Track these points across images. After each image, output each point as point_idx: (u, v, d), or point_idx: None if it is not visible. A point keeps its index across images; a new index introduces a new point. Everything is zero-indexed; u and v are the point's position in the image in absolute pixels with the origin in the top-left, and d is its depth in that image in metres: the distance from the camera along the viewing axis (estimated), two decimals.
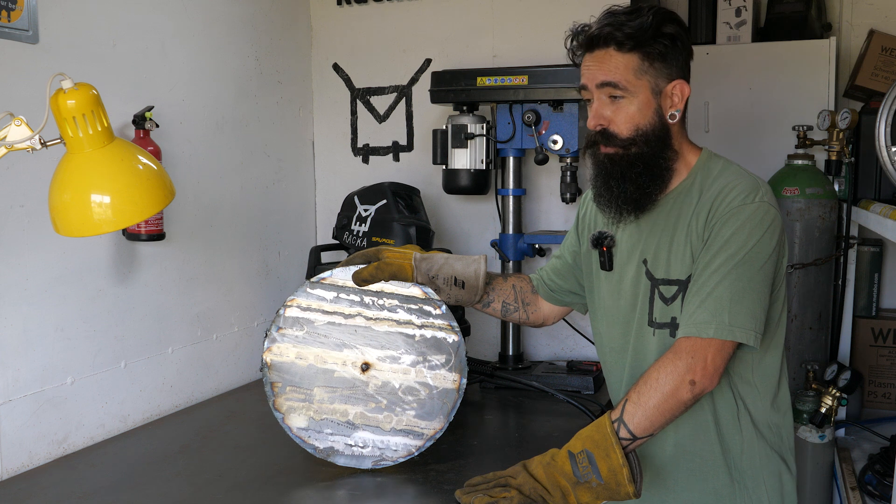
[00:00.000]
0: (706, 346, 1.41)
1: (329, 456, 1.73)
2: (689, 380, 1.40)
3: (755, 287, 1.44)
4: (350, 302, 1.75)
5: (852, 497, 2.53)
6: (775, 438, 1.57)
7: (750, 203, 1.45)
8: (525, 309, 1.85)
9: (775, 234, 1.46)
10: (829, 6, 3.47)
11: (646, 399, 1.41)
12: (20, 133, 1.36)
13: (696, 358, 1.40)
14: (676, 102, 1.51)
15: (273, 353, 1.74)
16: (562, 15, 2.58)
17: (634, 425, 1.41)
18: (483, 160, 2.47)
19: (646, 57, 1.47)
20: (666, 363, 1.42)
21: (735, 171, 1.53)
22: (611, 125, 1.51)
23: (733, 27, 3.31)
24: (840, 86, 3.32)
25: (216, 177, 2.40)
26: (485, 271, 1.76)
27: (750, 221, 1.44)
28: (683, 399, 1.41)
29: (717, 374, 1.42)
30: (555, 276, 1.82)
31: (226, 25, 2.44)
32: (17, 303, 1.77)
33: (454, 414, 1.74)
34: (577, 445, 1.42)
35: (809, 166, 2.97)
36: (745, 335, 1.42)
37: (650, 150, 1.50)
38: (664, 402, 1.40)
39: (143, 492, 1.67)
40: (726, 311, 1.41)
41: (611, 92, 1.49)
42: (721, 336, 1.41)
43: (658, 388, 1.41)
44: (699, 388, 1.40)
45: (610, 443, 1.38)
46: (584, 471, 1.39)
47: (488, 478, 1.44)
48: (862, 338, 3.25)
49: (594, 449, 1.39)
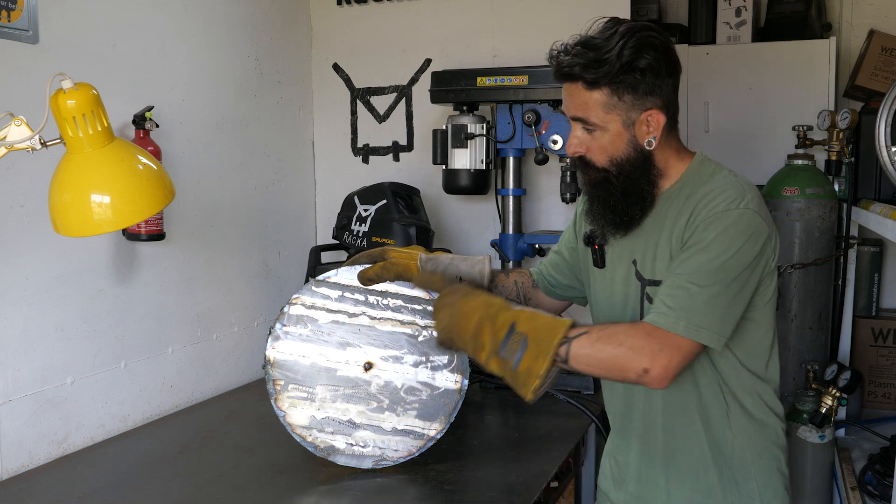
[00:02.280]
0: (676, 343, 1.39)
1: (329, 455, 1.73)
2: (645, 367, 1.38)
3: (730, 294, 1.42)
4: (354, 301, 1.75)
5: (852, 497, 2.53)
6: (770, 435, 1.58)
7: (734, 209, 1.43)
8: (527, 304, 1.85)
9: (758, 241, 1.44)
10: (829, 6, 3.47)
11: (600, 346, 1.40)
12: (20, 133, 1.36)
13: (662, 353, 1.39)
14: (652, 131, 1.47)
15: (276, 350, 1.74)
16: (562, 15, 2.59)
17: (575, 355, 1.40)
18: (483, 160, 2.47)
19: (615, 92, 1.44)
20: (637, 334, 1.41)
21: (723, 177, 1.51)
22: (588, 153, 1.51)
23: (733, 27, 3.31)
24: (840, 86, 3.32)
25: (216, 177, 2.40)
26: (489, 272, 1.76)
27: (733, 227, 1.42)
28: (627, 377, 1.41)
29: (671, 379, 1.40)
30: (553, 272, 1.82)
31: (226, 25, 2.44)
32: (17, 303, 1.77)
33: (455, 415, 1.74)
34: (523, 325, 1.42)
35: (809, 166, 2.97)
36: (709, 337, 1.41)
37: (627, 179, 1.49)
38: (611, 364, 1.40)
39: (143, 492, 1.67)
40: (698, 312, 1.40)
41: (582, 125, 1.49)
42: (687, 335, 1.40)
43: (616, 350, 1.40)
44: (646, 380, 1.39)
45: (547, 351, 1.39)
46: (510, 351, 1.41)
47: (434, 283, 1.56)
48: (862, 338, 3.25)
49: (533, 342, 1.40)
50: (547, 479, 1.71)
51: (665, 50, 1.46)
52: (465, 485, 1.66)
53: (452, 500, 1.59)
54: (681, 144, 1.57)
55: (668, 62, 1.46)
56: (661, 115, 1.47)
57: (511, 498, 1.59)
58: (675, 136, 1.54)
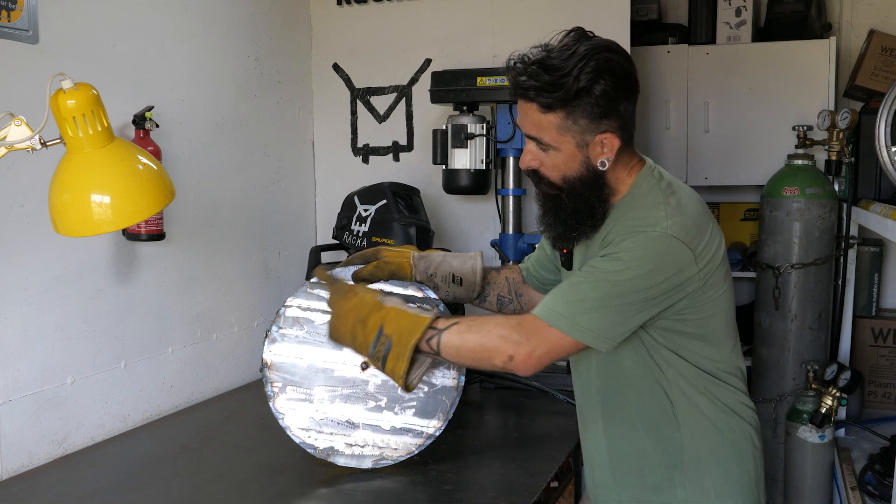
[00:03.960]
0: (546, 336, 1.43)
1: (329, 456, 1.73)
2: (510, 354, 1.44)
3: (621, 304, 1.42)
4: None
5: (852, 497, 2.53)
6: (730, 434, 1.56)
7: (648, 230, 1.42)
8: (518, 300, 1.86)
9: (673, 266, 1.41)
10: (829, 6, 3.47)
11: (470, 335, 1.47)
12: (20, 133, 1.36)
13: (531, 341, 1.44)
14: (606, 152, 1.47)
15: (273, 352, 1.74)
16: (562, 15, 2.58)
17: (445, 348, 1.48)
18: (483, 160, 2.47)
19: (569, 115, 1.43)
20: (506, 325, 1.47)
21: (653, 199, 1.48)
22: (541, 168, 1.51)
23: (733, 27, 3.31)
24: (840, 86, 3.32)
25: (216, 177, 2.40)
26: (482, 267, 1.77)
27: (643, 248, 1.41)
28: (494, 363, 1.47)
29: (537, 367, 1.46)
30: (540, 269, 1.83)
31: (226, 25, 2.44)
32: (17, 303, 1.77)
33: (453, 412, 1.74)
34: (389, 326, 1.49)
35: (809, 166, 2.97)
36: (592, 339, 1.43)
37: (578, 197, 1.50)
38: (479, 352, 1.47)
39: (143, 492, 1.67)
40: (585, 314, 1.42)
41: (537, 143, 1.49)
42: (567, 332, 1.42)
43: (484, 338, 1.46)
44: (511, 367, 1.45)
45: (405, 351, 1.47)
46: (378, 354, 1.50)
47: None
48: (862, 338, 3.25)
49: (396, 344, 1.48)
50: (547, 479, 1.71)
51: (623, 74, 1.44)
52: (465, 485, 1.66)
53: (452, 500, 1.59)
54: (634, 156, 1.55)
55: (626, 86, 1.45)
56: (616, 139, 1.46)
57: (511, 498, 1.59)
58: (627, 152, 1.52)
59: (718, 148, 3.34)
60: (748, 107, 3.28)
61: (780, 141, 3.16)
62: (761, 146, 3.26)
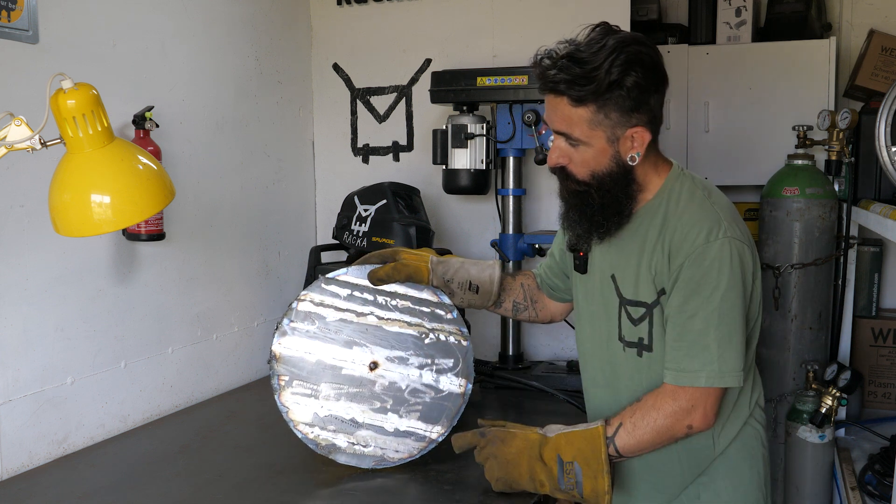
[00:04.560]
0: (705, 395, 1.45)
1: (330, 453, 1.73)
2: (688, 424, 1.46)
3: (735, 327, 1.45)
4: (363, 301, 1.75)
5: (852, 497, 2.53)
6: (742, 446, 1.58)
7: (714, 241, 1.43)
8: (534, 307, 1.86)
9: (745, 265, 1.45)
10: (829, 6, 3.47)
11: (641, 432, 1.47)
12: (20, 133, 1.36)
13: (697, 406, 1.46)
14: (636, 146, 1.47)
15: (282, 345, 1.74)
16: (562, 15, 2.58)
17: (623, 448, 1.48)
18: (483, 160, 2.47)
19: (600, 109, 1.42)
20: (664, 403, 1.47)
21: (698, 202, 1.50)
22: (569, 165, 1.50)
23: (733, 27, 3.31)
24: (840, 86, 3.32)
25: (216, 177, 2.40)
26: (500, 277, 1.77)
27: (717, 260, 1.43)
28: (677, 437, 1.48)
29: (713, 419, 1.47)
30: (552, 276, 1.83)
31: (226, 25, 2.44)
32: (17, 303, 1.76)
33: (458, 419, 1.74)
34: (567, 452, 1.46)
35: (809, 166, 2.97)
36: (733, 379, 1.45)
37: (607, 193, 1.49)
38: (657, 438, 1.48)
39: (143, 492, 1.67)
40: (716, 360, 1.43)
41: (565, 139, 1.48)
42: (713, 384, 1.45)
43: (654, 426, 1.46)
44: (695, 431, 1.48)
45: (602, 468, 1.44)
46: (569, 483, 1.46)
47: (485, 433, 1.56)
48: (862, 338, 3.25)
49: (584, 466, 1.45)
50: None
51: (653, 66, 1.44)
52: (465, 485, 1.66)
53: (452, 500, 1.59)
54: (659, 156, 1.56)
55: (656, 78, 1.45)
56: (647, 133, 1.46)
57: (511, 498, 1.59)
58: (655, 149, 1.53)
59: (718, 148, 3.34)
60: (748, 107, 3.28)
61: (780, 141, 3.16)
62: (761, 146, 3.26)
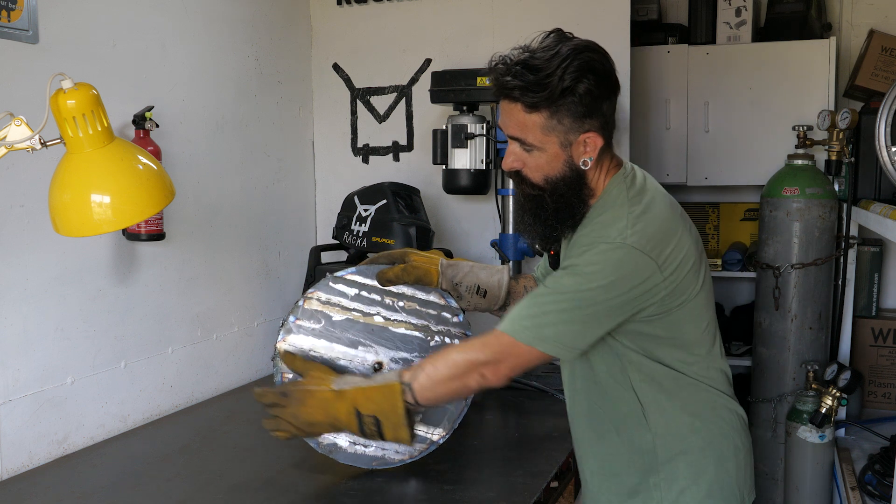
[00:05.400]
0: (513, 350, 1.47)
1: (331, 452, 1.73)
2: (482, 373, 1.49)
3: (581, 317, 1.44)
4: (370, 301, 1.75)
5: (852, 497, 2.53)
6: (707, 434, 1.56)
7: (607, 242, 1.43)
8: None
9: (634, 278, 1.41)
10: (829, 6, 3.48)
11: (438, 375, 1.50)
12: (20, 133, 1.36)
13: (498, 356, 1.48)
14: (588, 151, 1.48)
15: (287, 343, 1.73)
16: (562, 15, 2.58)
17: (420, 395, 1.51)
18: (483, 160, 2.47)
19: (553, 115, 1.44)
20: (469, 348, 1.51)
21: (618, 207, 1.48)
22: (524, 169, 1.51)
23: (733, 27, 3.32)
24: (840, 86, 3.32)
25: (216, 177, 2.40)
26: (508, 281, 1.79)
27: (603, 261, 1.42)
28: (470, 386, 1.51)
29: (508, 377, 1.50)
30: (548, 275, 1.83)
31: (226, 25, 2.44)
32: (17, 303, 1.77)
33: (459, 421, 1.74)
34: (365, 407, 1.51)
35: (809, 166, 2.97)
36: (555, 348, 1.45)
37: (560, 197, 1.50)
38: (452, 382, 1.50)
39: (143, 492, 1.67)
40: (547, 325, 1.44)
41: (520, 144, 1.49)
42: (530, 343, 1.45)
43: (453, 367, 1.50)
44: (486, 384, 1.50)
45: (401, 420, 1.50)
46: (370, 430, 1.53)
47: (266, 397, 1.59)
48: (862, 338, 3.25)
49: (383, 419, 1.51)
50: (547, 479, 1.71)
51: (606, 73, 1.46)
52: (465, 485, 1.66)
53: (452, 500, 1.59)
54: (613, 159, 1.56)
55: (608, 85, 1.47)
56: (599, 138, 1.48)
57: (511, 498, 1.59)
58: (607, 153, 1.53)
59: (718, 148, 3.34)
60: (748, 107, 3.28)
61: (780, 141, 3.16)
62: (761, 146, 3.26)
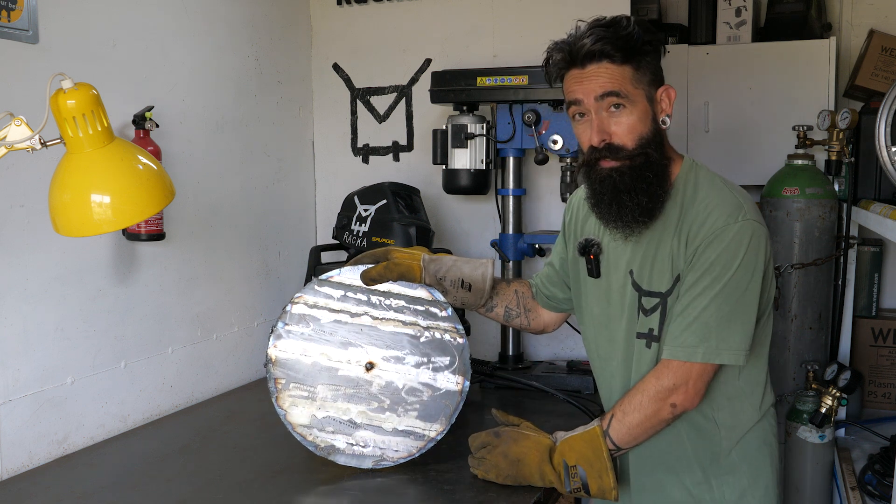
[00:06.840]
0: (690, 370, 1.47)
1: (330, 454, 1.73)
2: (671, 402, 1.48)
3: (742, 308, 1.46)
4: (357, 301, 1.75)
5: (852, 497, 2.53)
6: (755, 439, 1.59)
7: (733, 223, 1.46)
8: (527, 315, 1.86)
9: (760, 249, 1.47)
10: (829, 6, 3.47)
11: (630, 418, 1.50)
12: (20, 133, 1.36)
13: (680, 382, 1.47)
14: (666, 108, 1.53)
15: (278, 348, 1.74)
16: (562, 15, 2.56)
17: (618, 439, 1.51)
18: (483, 160, 2.47)
19: (637, 67, 1.48)
20: (650, 384, 1.50)
21: (717, 188, 1.53)
22: (614, 138, 1.49)
23: (733, 27, 3.31)
24: (840, 86, 3.32)
25: (216, 177, 2.40)
26: (492, 275, 1.77)
27: (734, 242, 1.45)
28: (664, 418, 1.50)
29: (698, 397, 1.49)
30: (549, 285, 1.83)
31: (226, 25, 2.44)
32: (17, 303, 1.77)
33: (456, 416, 1.74)
34: (570, 457, 1.51)
35: (809, 166, 2.97)
36: (731, 356, 1.46)
37: (655, 158, 1.51)
38: (646, 421, 1.50)
39: (143, 492, 1.67)
40: (714, 336, 1.45)
41: (613, 101, 1.47)
42: (708, 360, 1.46)
43: (641, 408, 1.49)
44: (680, 410, 1.49)
45: (604, 466, 1.48)
46: (575, 486, 1.51)
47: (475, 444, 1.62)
48: (862, 338, 3.25)
49: (588, 468, 1.49)
50: None
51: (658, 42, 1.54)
52: (465, 485, 1.66)
53: (452, 500, 1.59)
54: None
55: (662, 45, 1.55)
56: (673, 90, 1.53)
57: (511, 498, 1.59)
58: None
59: (718, 148, 3.33)
60: (748, 107, 3.28)
61: (780, 141, 3.16)
62: (761, 146, 3.26)
